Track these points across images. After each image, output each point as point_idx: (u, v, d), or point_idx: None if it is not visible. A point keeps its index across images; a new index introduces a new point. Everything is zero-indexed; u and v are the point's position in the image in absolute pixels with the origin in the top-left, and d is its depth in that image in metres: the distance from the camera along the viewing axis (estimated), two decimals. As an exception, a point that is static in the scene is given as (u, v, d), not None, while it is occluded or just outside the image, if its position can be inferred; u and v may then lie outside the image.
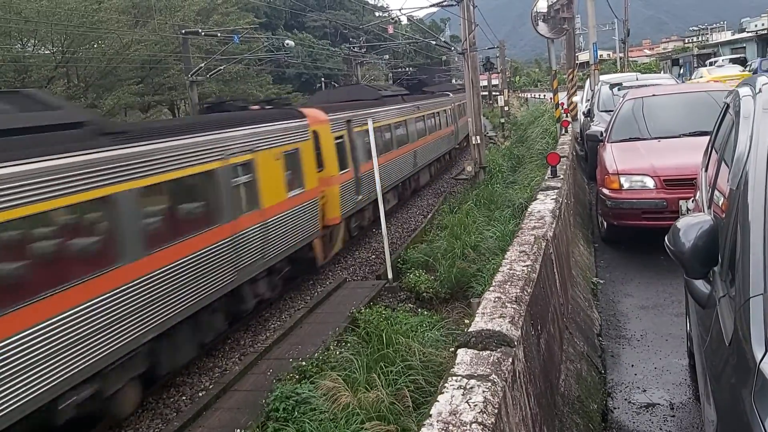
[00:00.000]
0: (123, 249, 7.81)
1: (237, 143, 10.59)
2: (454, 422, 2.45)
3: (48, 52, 29.86)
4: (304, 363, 8.30)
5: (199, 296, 9.17)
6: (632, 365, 5.59)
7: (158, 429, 8.25)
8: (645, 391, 5.11)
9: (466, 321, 6.46)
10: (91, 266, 7.37)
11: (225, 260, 9.81)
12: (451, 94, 32.97)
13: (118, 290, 7.60)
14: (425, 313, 9.49)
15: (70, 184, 7.07)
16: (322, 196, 13.81)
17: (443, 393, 2.71)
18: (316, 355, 8.65)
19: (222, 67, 33.02)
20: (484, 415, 2.50)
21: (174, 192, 9.23)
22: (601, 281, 7.87)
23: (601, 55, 35.31)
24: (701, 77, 28.50)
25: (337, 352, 8.24)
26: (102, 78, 31.62)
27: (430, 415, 2.53)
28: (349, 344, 8.49)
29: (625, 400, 5.02)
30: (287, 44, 37.21)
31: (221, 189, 10.00)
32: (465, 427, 2.41)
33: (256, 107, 14.47)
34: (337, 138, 15.11)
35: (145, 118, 36.62)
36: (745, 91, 3.87)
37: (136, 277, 7.92)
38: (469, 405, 2.57)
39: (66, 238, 7.37)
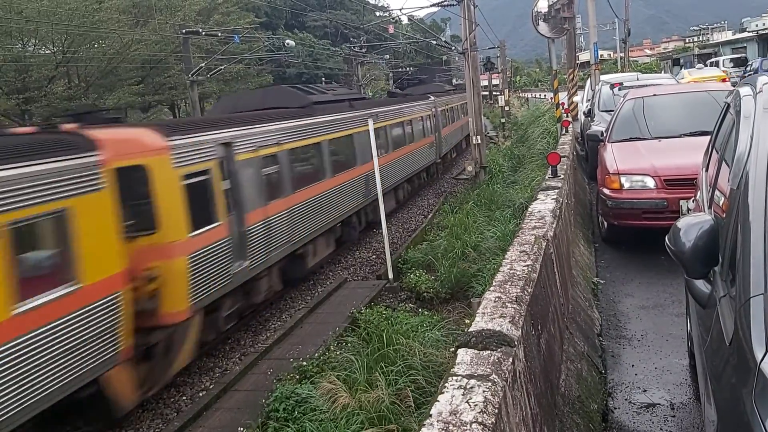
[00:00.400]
0: None
1: None
2: (454, 422, 2.45)
3: (49, 51, 29.89)
4: (304, 363, 8.30)
5: None
6: (633, 365, 5.59)
7: (159, 429, 8.26)
8: (645, 391, 5.11)
9: (467, 321, 6.46)
10: None
11: None
12: (432, 97, 27.44)
13: None
14: (426, 313, 9.48)
15: None
16: (149, 279, 8.42)
17: (443, 393, 2.71)
18: (317, 355, 8.65)
19: (222, 67, 33.06)
20: (485, 415, 2.50)
21: None
22: (602, 281, 7.87)
23: (601, 55, 35.38)
24: (683, 78, 28.95)
25: (338, 352, 8.23)
26: (102, 78, 31.67)
27: (431, 415, 2.53)
28: (349, 344, 8.49)
29: (626, 400, 5.01)
30: (288, 44, 37.24)
31: None
32: (465, 427, 2.41)
33: (29, 130, 8.68)
34: (190, 176, 9.21)
35: (146, 118, 36.69)
36: (745, 90, 3.87)
37: None
38: (470, 405, 2.57)
39: None
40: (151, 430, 8.29)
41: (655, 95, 10.77)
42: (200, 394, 8.99)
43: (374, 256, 15.54)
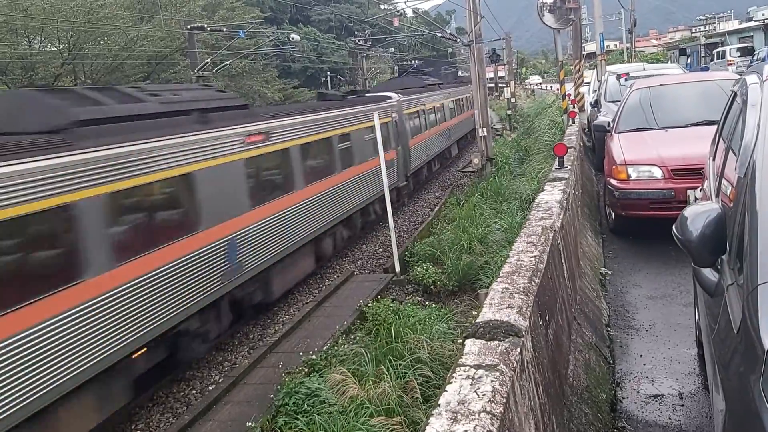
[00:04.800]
0: None
1: None
2: (462, 411, 2.46)
3: (54, 49, 29.94)
4: (313, 356, 8.33)
5: None
6: (641, 355, 5.59)
7: (169, 423, 8.31)
8: (654, 381, 5.11)
9: (474, 313, 6.47)
10: None
11: None
12: (396, 96, 20.24)
13: None
14: (433, 305, 9.49)
15: None
16: None
17: (452, 383, 2.72)
18: (325, 348, 8.68)
19: (228, 62, 33.04)
20: (493, 404, 2.51)
21: None
22: (609, 272, 7.86)
23: (607, 46, 35.11)
24: None
25: (346, 346, 8.26)
26: (108, 74, 31.67)
27: (439, 405, 2.54)
28: (357, 338, 8.52)
29: (634, 390, 5.02)
30: (292, 38, 37.26)
31: None
32: (473, 416, 2.42)
33: None
34: None
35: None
36: (752, 79, 3.85)
37: None
38: (478, 394, 2.58)
39: None
40: (161, 424, 8.34)
41: (661, 85, 10.73)
42: (210, 388, 9.04)
43: (381, 250, 15.55)
